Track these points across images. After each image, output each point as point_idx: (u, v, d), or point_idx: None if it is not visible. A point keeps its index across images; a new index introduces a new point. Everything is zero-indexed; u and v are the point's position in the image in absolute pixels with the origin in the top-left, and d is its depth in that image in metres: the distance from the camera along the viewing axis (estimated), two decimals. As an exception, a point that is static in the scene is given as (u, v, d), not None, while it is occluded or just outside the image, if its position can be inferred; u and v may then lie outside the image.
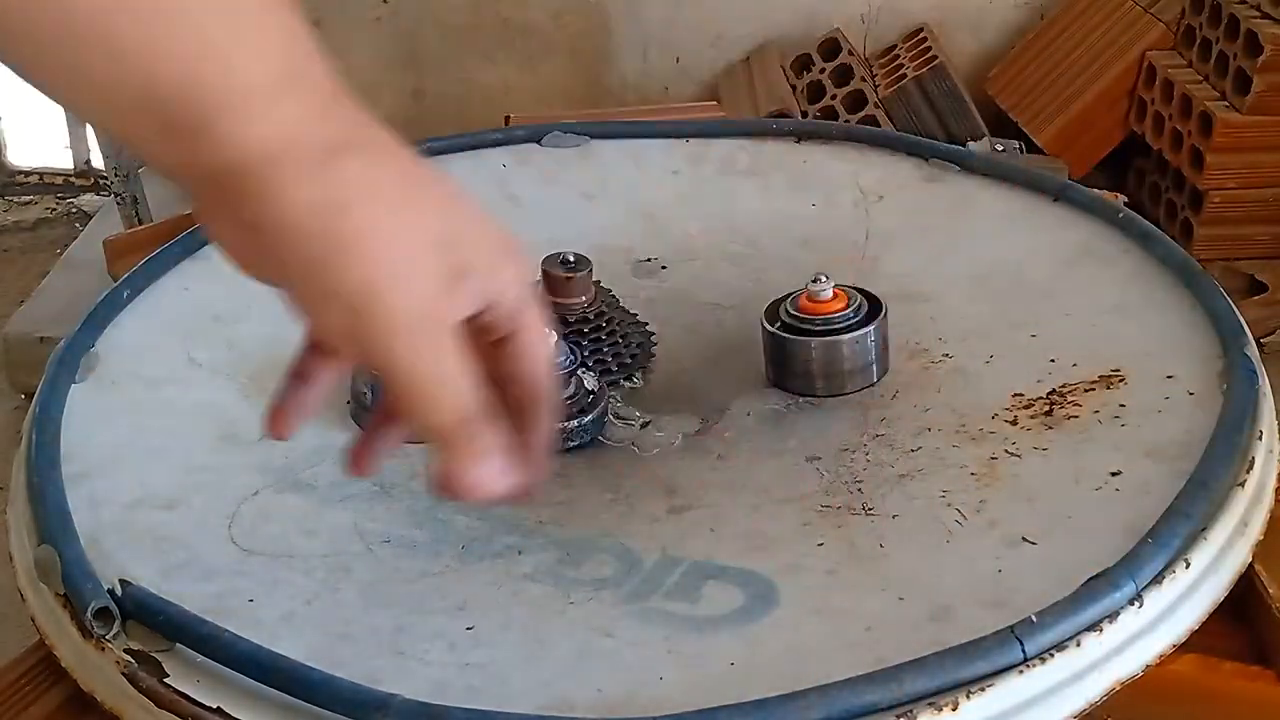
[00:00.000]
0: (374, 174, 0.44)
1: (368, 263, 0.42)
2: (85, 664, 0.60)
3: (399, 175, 0.45)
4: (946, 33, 2.53)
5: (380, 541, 0.70)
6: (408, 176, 0.45)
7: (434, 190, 0.46)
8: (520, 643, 0.63)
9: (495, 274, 0.47)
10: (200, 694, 0.56)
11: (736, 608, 0.64)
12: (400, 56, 2.57)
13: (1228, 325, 0.77)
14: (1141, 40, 2.28)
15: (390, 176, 0.44)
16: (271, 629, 0.60)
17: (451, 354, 0.45)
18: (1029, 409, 0.77)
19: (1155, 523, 0.62)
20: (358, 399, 0.79)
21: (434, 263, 0.44)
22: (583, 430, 0.79)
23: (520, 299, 0.48)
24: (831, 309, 0.82)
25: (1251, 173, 2.07)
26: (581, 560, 0.69)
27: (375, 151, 0.45)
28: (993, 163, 1.02)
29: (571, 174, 1.07)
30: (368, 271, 0.42)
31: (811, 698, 0.53)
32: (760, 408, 0.82)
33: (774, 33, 2.56)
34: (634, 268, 0.99)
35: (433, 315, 0.44)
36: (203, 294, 0.89)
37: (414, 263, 0.43)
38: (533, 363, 0.50)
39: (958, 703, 0.54)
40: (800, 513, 0.72)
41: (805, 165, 1.07)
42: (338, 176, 0.43)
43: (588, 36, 2.59)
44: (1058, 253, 0.91)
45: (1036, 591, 0.59)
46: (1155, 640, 0.59)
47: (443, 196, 0.47)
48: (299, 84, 0.44)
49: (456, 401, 0.45)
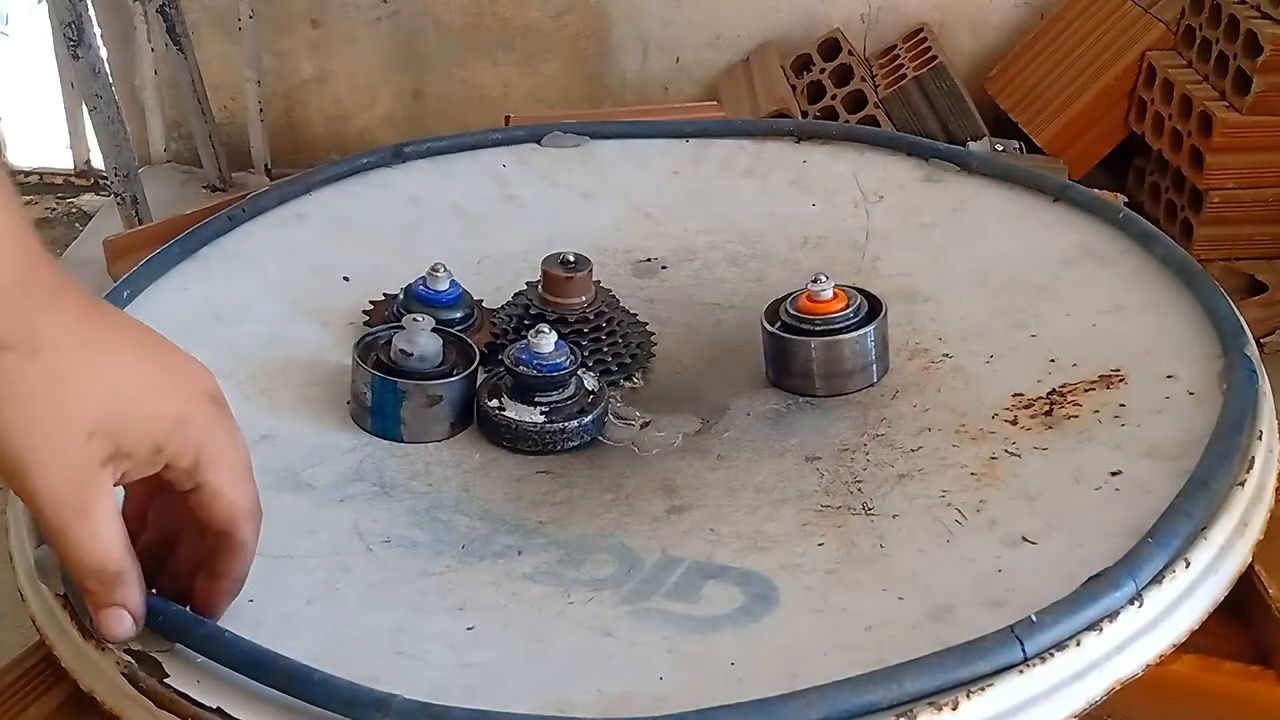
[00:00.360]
0: (30, 371, 0.49)
1: (17, 450, 0.50)
2: (85, 664, 0.60)
3: (57, 370, 0.50)
4: (946, 33, 2.53)
5: (380, 542, 0.70)
6: (77, 368, 0.51)
7: (106, 376, 0.52)
8: (520, 643, 0.63)
9: (160, 450, 0.53)
10: (200, 694, 0.56)
11: (736, 607, 0.64)
12: (400, 56, 2.57)
13: (1228, 325, 0.77)
14: (1141, 40, 2.28)
15: (48, 372, 0.50)
16: (271, 629, 0.60)
17: (90, 522, 0.52)
18: (1029, 409, 0.77)
19: (1155, 522, 0.62)
20: (358, 399, 0.79)
21: (82, 452, 0.51)
22: (583, 430, 0.79)
23: (197, 460, 0.55)
24: (831, 309, 0.82)
25: (1251, 173, 2.07)
26: (581, 560, 0.69)
27: (39, 347, 0.49)
28: (993, 163, 1.02)
29: (571, 174, 1.07)
30: (17, 456, 0.50)
31: (811, 697, 0.53)
32: (760, 408, 0.82)
33: (774, 33, 2.56)
34: (634, 268, 0.99)
35: (74, 496, 0.51)
36: (203, 294, 0.89)
37: (62, 453, 0.50)
38: (212, 512, 0.56)
39: (958, 702, 0.54)
40: (800, 512, 0.72)
41: (805, 165, 1.07)
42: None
43: (588, 36, 2.59)
44: (1058, 253, 0.91)
45: (1036, 591, 0.59)
46: (1155, 640, 0.59)
47: (117, 379, 0.52)
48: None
49: (90, 561, 0.53)
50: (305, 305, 0.90)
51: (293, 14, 2.55)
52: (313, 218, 1.00)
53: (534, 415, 0.79)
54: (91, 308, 0.54)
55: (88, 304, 0.53)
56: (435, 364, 0.79)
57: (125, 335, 0.55)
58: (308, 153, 2.57)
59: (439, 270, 0.87)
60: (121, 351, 0.54)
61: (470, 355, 0.81)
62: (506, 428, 0.79)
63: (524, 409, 0.79)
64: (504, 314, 0.88)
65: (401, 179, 1.05)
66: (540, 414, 0.79)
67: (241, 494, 0.57)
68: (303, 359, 0.85)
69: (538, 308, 0.86)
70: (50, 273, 0.51)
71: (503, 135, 1.11)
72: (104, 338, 0.53)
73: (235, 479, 0.57)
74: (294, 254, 0.95)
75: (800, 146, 1.09)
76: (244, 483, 0.58)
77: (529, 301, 0.87)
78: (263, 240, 0.96)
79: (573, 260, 0.87)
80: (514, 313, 0.88)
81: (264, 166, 2.52)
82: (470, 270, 0.93)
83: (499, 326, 0.88)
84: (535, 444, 0.79)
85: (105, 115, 1.99)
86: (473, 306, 0.88)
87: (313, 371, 0.84)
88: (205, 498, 0.56)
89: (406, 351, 0.79)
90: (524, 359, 0.79)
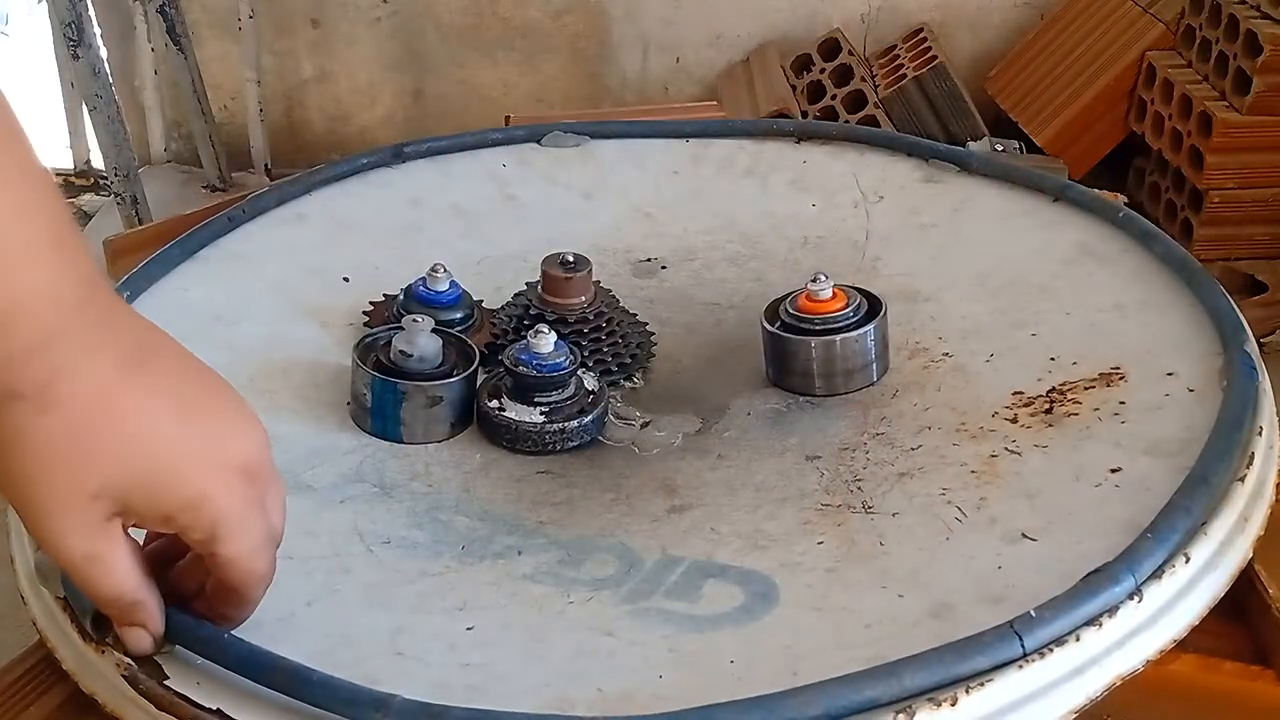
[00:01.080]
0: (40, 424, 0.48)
1: (22, 498, 0.50)
2: (86, 667, 0.60)
3: (69, 429, 0.49)
4: (946, 33, 2.53)
5: (380, 542, 0.70)
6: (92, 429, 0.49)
7: (124, 441, 0.50)
8: (520, 643, 0.63)
9: (170, 520, 0.52)
10: (200, 696, 0.56)
11: (737, 606, 0.64)
12: (400, 56, 2.57)
13: (1227, 322, 0.77)
14: (1141, 40, 2.28)
15: (60, 430, 0.49)
16: (271, 630, 0.60)
17: (101, 565, 0.52)
18: (1029, 407, 0.77)
19: (1155, 518, 0.62)
20: (358, 400, 0.79)
21: (86, 510, 0.50)
22: (583, 430, 0.79)
23: (213, 535, 0.53)
24: (831, 309, 0.82)
25: (1251, 173, 2.07)
26: (582, 560, 0.69)
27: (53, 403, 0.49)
28: (993, 163, 1.02)
29: (571, 174, 1.07)
30: (23, 503, 0.50)
31: (811, 694, 0.53)
32: (760, 407, 0.82)
33: (774, 33, 2.56)
34: (634, 268, 0.99)
35: (82, 544, 0.51)
36: (202, 295, 0.89)
37: (65, 508, 0.50)
38: (224, 575, 0.55)
39: (957, 698, 0.54)
40: (800, 511, 0.72)
41: (805, 165, 1.07)
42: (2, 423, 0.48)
43: (588, 36, 2.59)
44: (1058, 253, 0.91)
45: (1036, 587, 0.59)
46: (1155, 635, 0.59)
47: (135, 447, 0.51)
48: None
49: (105, 594, 0.53)
50: (305, 306, 0.90)
51: (293, 14, 2.55)
52: (313, 218, 1.00)
53: (534, 415, 0.79)
54: (132, 362, 0.51)
55: (131, 357, 0.51)
56: (435, 364, 0.79)
57: (162, 395, 0.52)
58: (308, 153, 2.58)
59: (439, 270, 0.87)
60: (151, 414, 0.51)
61: (470, 356, 0.81)
62: (506, 428, 0.79)
63: (524, 409, 0.79)
64: (504, 314, 0.88)
65: (401, 179, 1.05)
66: (540, 414, 0.79)
67: (259, 564, 0.56)
68: (303, 360, 0.85)
69: (537, 308, 0.87)
70: (91, 325, 0.49)
71: (503, 135, 1.11)
72: (134, 399, 0.51)
73: (253, 552, 0.55)
74: (294, 254, 0.95)
75: (800, 146, 1.09)
76: (262, 554, 0.56)
77: (529, 302, 0.88)
78: (263, 241, 0.96)
79: (572, 260, 0.87)
80: (514, 313, 0.88)
81: (264, 166, 2.52)
82: (470, 270, 0.93)
83: (499, 327, 0.88)
84: (535, 444, 0.79)
85: (105, 115, 1.99)
86: (473, 307, 0.88)
87: (313, 372, 0.84)
88: (217, 564, 0.55)
89: (406, 352, 0.79)
90: (524, 359, 0.79)
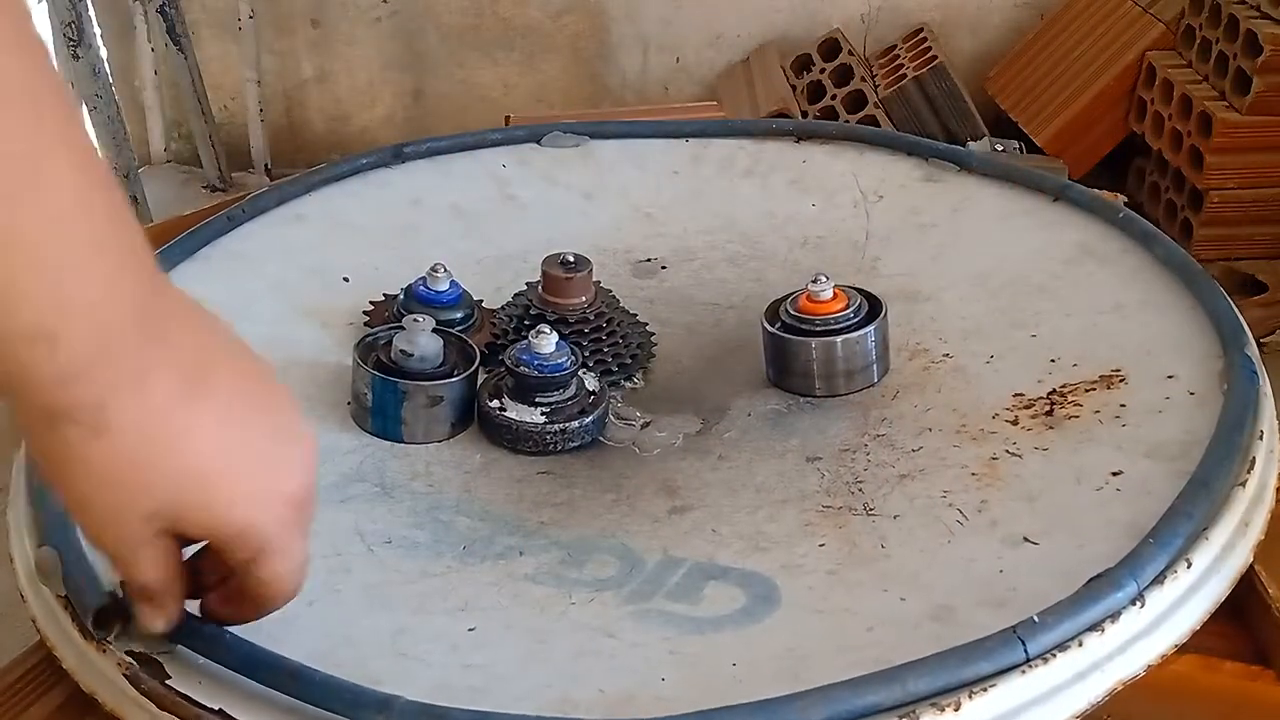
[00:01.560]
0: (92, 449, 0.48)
1: (74, 506, 0.50)
2: (87, 666, 0.60)
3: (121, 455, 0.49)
4: (946, 33, 2.53)
5: (381, 542, 0.70)
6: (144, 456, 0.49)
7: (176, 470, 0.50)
8: (522, 643, 0.63)
9: (216, 539, 0.53)
10: (202, 695, 0.56)
11: (738, 608, 0.64)
12: (400, 56, 2.57)
13: (1228, 325, 0.77)
14: (1141, 40, 2.28)
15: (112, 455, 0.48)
16: (272, 630, 0.60)
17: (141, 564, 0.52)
18: (1030, 409, 0.77)
19: (1157, 523, 0.62)
20: (358, 399, 0.79)
21: (135, 527, 0.50)
22: (583, 431, 0.79)
23: (254, 559, 0.53)
24: (831, 309, 0.82)
25: (1251, 173, 2.07)
26: (583, 561, 0.69)
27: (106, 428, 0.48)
28: (993, 163, 1.02)
29: (571, 174, 1.07)
30: (74, 509, 0.51)
31: (813, 698, 0.53)
32: (760, 408, 0.82)
33: (774, 33, 2.56)
34: (634, 268, 0.99)
35: (128, 549, 0.52)
36: (202, 294, 0.87)
37: (116, 524, 0.50)
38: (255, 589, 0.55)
39: (960, 703, 0.54)
40: (801, 513, 0.72)
41: (805, 165, 1.07)
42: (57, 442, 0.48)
43: (588, 36, 2.59)
44: (1058, 253, 0.91)
45: (1038, 591, 0.59)
46: (1157, 640, 0.59)
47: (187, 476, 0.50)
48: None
49: (138, 583, 0.54)
50: (305, 306, 0.90)
51: (293, 14, 2.55)
52: (313, 218, 1.00)
53: (535, 416, 0.79)
54: (188, 383, 0.49)
55: (188, 376, 0.50)
56: (436, 364, 0.79)
57: (218, 422, 0.51)
58: (308, 153, 2.57)
59: (439, 270, 0.87)
60: (207, 440, 0.50)
61: (471, 355, 0.81)
62: (507, 428, 0.79)
63: (525, 409, 0.79)
64: (504, 314, 0.88)
65: (401, 179, 1.05)
66: (541, 414, 0.79)
67: (291, 584, 0.56)
68: (303, 360, 0.84)
69: (538, 308, 0.86)
70: (145, 341, 0.48)
71: (503, 135, 1.11)
72: (190, 423, 0.49)
73: (288, 573, 0.55)
74: (294, 254, 0.95)
75: (800, 146, 1.09)
76: (296, 575, 0.56)
77: (529, 302, 0.87)
78: (263, 241, 0.96)
79: (572, 260, 0.87)
80: (514, 313, 0.88)
81: (264, 166, 2.52)
82: (470, 270, 0.93)
83: (499, 327, 0.88)
84: (536, 444, 0.79)
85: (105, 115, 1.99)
86: (473, 307, 0.88)
87: (313, 372, 0.83)
88: (251, 580, 0.55)
89: (407, 352, 0.79)
90: (525, 359, 0.79)
